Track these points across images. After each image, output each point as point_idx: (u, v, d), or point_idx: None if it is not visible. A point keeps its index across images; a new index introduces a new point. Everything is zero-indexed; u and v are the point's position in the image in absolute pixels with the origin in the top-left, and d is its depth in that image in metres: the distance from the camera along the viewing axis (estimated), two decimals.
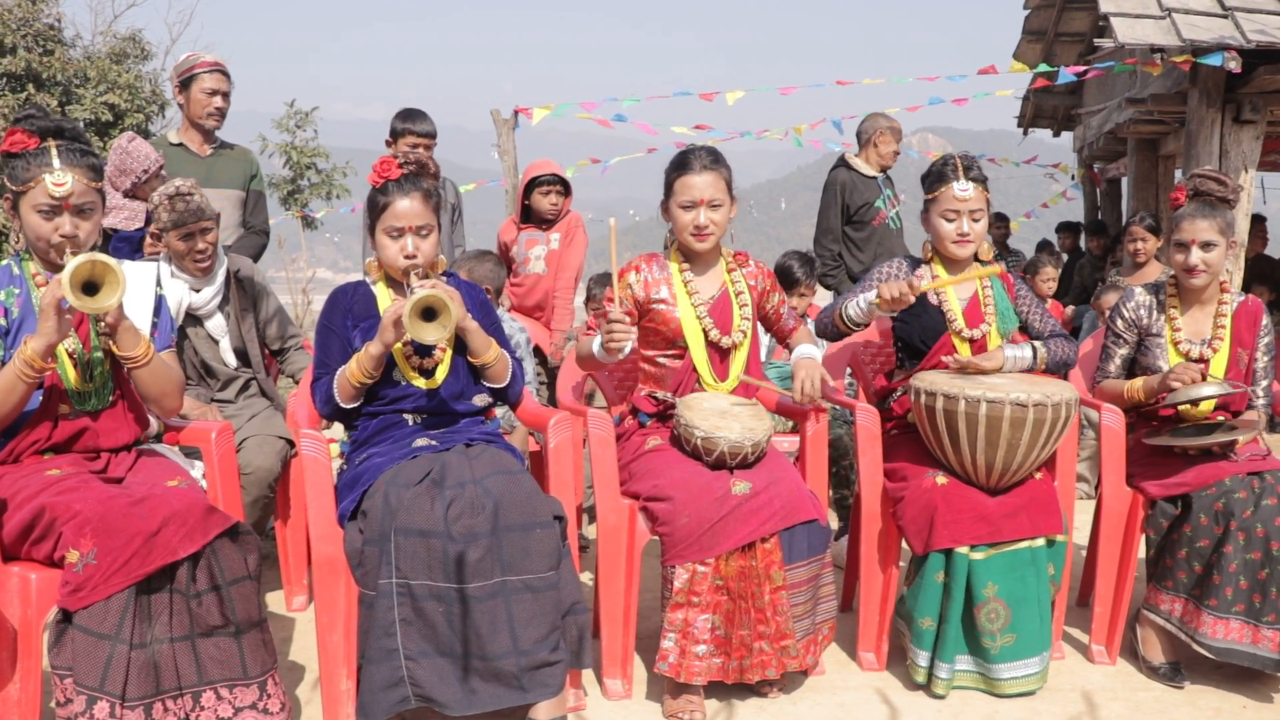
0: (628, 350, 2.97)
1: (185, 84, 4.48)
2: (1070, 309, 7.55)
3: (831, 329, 3.35)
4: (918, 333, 3.31)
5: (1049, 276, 7.19)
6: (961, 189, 3.22)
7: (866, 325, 3.31)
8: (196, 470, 2.94)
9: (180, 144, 4.54)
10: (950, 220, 3.26)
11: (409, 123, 4.81)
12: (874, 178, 5.69)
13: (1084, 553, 3.76)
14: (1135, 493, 3.26)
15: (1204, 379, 3.17)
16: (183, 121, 4.59)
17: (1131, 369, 3.44)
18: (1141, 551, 3.27)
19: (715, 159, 3.17)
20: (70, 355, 2.65)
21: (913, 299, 3.10)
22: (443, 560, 2.53)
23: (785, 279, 4.60)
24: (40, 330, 2.45)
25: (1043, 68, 7.61)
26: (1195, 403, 3.18)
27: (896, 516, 3.10)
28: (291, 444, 3.52)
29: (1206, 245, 3.22)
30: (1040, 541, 3.00)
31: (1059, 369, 3.29)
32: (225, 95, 4.54)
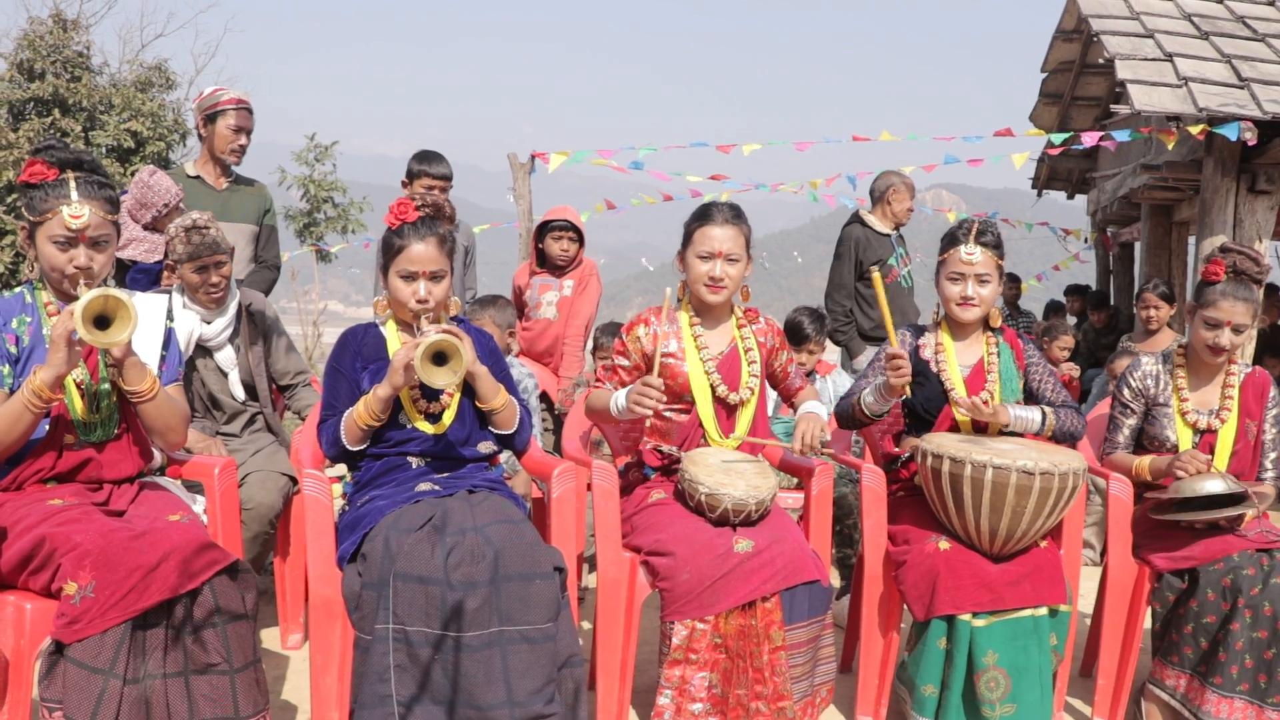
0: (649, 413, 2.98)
1: (211, 118, 4.51)
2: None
3: (852, 420, 3.34)
4: (921, 401, 3.30)
5: (1066, 344, 7.13)
6: (968, 252, 3.22)
7: (888, 412, 3.27)
8: (198, 505, 2.93)
9: (197, 176, 4.57)
10: (955, 282, 3.26)
11: (425, 165, 4.84)
12: (887, 235, 5.71)
13: (1088, 621, 3.71)
14: (1141, 565, 3.23)
15: (1210, 468, 3.13)
16: (202, 153, 4.62)
17: (1139, 439, 3.42)
18: (1147, 623, 3.23)
19: (737, 215, 3.20)
20: (78, 386, 2.66)
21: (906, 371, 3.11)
22: (440, 608, 2.50)
23: (795, 335, 4.60)
24: (49, 361, 2.46)
25: (1058, 135, 7.62)
26: (1200, 503, 3.09)
27: (898, 581, 3.07)
28: (294, 481, 3.52)
29: (1239, 328, 3.21)
30: (1043, 611, 2.96)
31: (1065, 440, 3.25)
32: (249, 133, 4.59)
